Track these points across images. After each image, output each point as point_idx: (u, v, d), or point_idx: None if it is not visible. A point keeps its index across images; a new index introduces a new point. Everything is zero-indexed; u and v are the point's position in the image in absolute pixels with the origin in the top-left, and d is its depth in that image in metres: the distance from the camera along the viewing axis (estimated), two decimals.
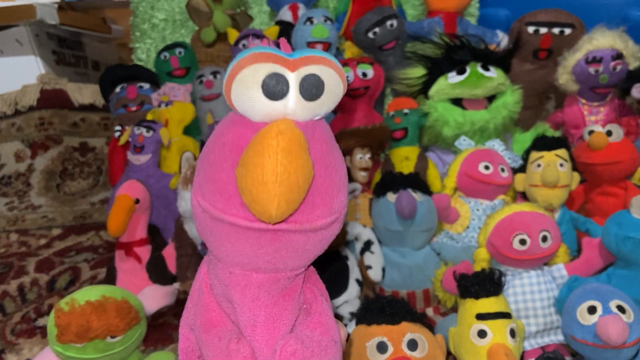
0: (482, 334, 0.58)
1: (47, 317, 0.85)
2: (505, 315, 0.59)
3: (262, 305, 0.35)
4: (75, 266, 1.02)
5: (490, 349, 0.56)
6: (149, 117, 1.06)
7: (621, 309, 0.60)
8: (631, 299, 0.63)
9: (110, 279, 0.87)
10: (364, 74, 1.06)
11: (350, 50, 1.20)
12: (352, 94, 1.07)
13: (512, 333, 0.58)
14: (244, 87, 0.29)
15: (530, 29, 1.08)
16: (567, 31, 1.08)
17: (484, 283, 0.59)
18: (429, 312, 0.83)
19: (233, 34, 1.15)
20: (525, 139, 1.03)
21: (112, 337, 0.58)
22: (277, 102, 0.29)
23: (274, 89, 0.29)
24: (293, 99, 0.29)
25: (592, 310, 0.61)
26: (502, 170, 0.90)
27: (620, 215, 0.71)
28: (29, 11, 1.26)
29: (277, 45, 0.32)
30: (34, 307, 0.90)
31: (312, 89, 0.29)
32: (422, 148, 1.06)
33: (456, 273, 0.63)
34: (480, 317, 0.58)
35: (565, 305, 0.66)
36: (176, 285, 0.85)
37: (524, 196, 0.92)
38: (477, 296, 0.59)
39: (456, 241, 0.89)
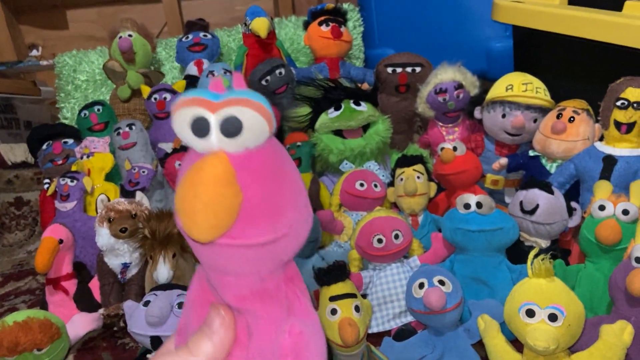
0: (333, 311, 0.70)
1: None
2: (351, 296, 0.72)
3: (245, 300, 0.37)
4: (14, 307, 1.09)
5: (339, 322, 0.69)
6: (74, 168, 1.16)
7: (441, 282, 0.75)
8: (452, 274, 0.78)
9: None
10: None
11: None
12: None
13: (357, 308, 0.71)
14: (179, 127, 0.33)
15: (389, 70, 1.25)
16: (418, 69, 1.25)
17: (333, 273, 0.73)
18: None
19: (146, 90, 1.28)
20: None
21: (39, 349, 0.70)
22: (203, 139, 0.33)
23: (198, 130, 0.32)
24: (215, 137, 0.32)
25: (421, 285, 0.76)
26: (375, 186, 1.07)
27: (451, 212, 0.87)
28: None
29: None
30: None
31: (229, 128, 0.32)
32: (317, 173, 1.21)
33: (315, 268, 0.79)
34: (332, 298, 0.71)
35: (407, 285, 0.83)
36: (101, 311, 0.93)
37: (396, 205, 1.10)
38: (328, 283, 0.74)
39: (343, 249, 1.05)
